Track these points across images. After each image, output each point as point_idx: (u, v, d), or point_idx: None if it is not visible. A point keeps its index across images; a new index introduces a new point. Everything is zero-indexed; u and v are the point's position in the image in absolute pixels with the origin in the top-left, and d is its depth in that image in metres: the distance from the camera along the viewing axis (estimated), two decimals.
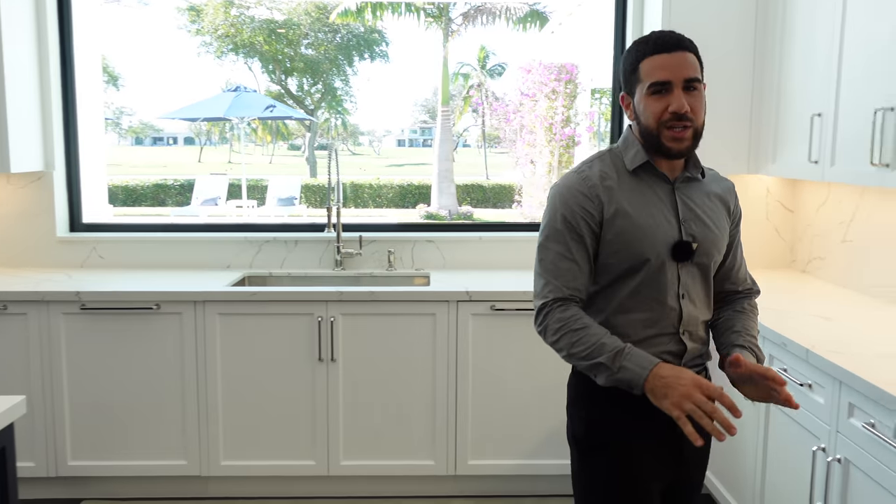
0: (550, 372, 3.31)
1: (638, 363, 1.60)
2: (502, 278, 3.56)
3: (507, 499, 3.39)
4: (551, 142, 11.07)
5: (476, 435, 3.35)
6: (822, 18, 2.92)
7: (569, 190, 1.74)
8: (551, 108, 10.91)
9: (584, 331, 1.66)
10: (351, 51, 25.72)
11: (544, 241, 1.76)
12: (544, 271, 1.74)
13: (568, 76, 10.81)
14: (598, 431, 1.77)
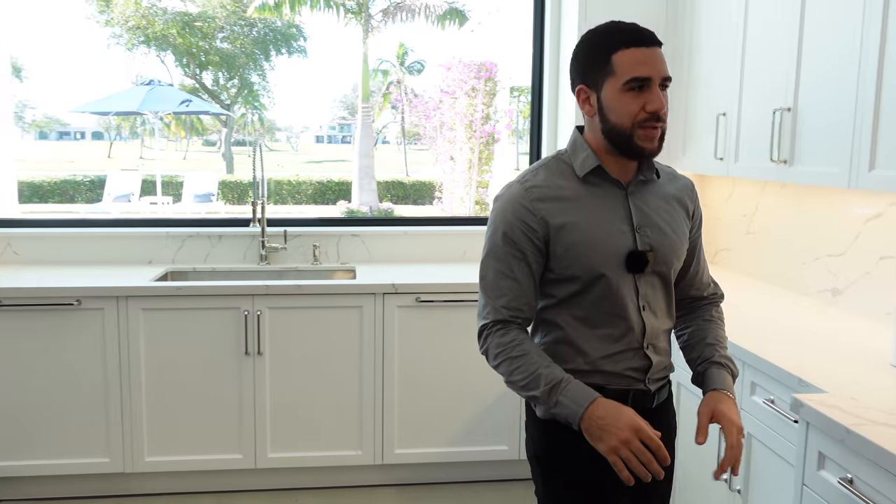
0: (475, 362, 3.41)
1: (574, 399, 1.51)
2: (427, 271, 3.65)
3: (433, 486, 3.48)
4: (471, 139, 11.22)
5: (402, 424, 3.42)
6: (727, 23, 3.11)
7: (510, 203, 1.61)
8: (471, 106, 11.06)
9: (523, 359, 1.56)
10: (268, 45, 25.34)
11: (485, 258, 1.64)
12: (485, 291, 1.64)
13: (487, 74, 10.98)
14: (558, 453, 1.66)
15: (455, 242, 3.99)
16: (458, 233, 4.01)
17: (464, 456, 3.47)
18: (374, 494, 3.39)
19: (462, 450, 3.46)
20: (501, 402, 3.45)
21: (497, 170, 11.89)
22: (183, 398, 3.30)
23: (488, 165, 11.37)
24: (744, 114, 2.98)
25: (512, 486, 3.48)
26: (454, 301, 3.37)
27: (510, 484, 3.50)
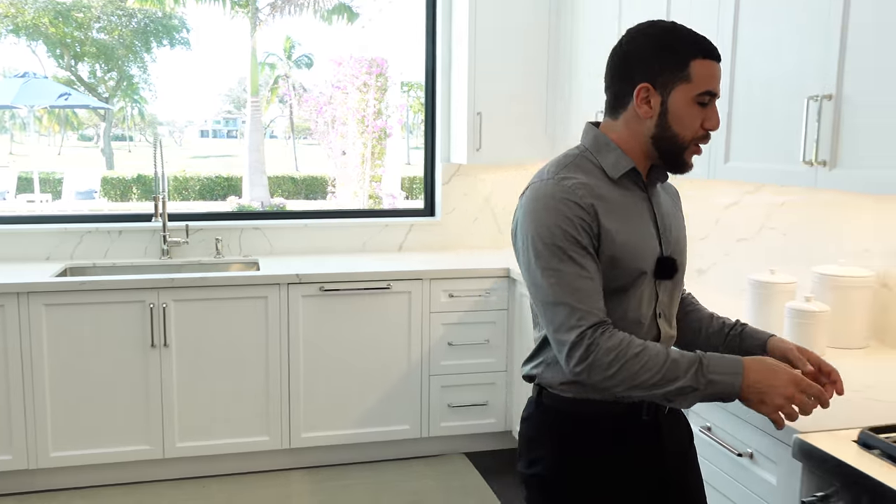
0: (377, 346, 3.59)
1: (725, 371, 1.40)
2: (330, 262, 3.79)
3: (340, 467, 3.64)
4: (363, 133, 11.35)
5: (309, 409, 3.56)
6: (605, 21, 3.40)
7: (556, 200, 1.47)
8: (363, 101, 11.19)
9: (645, 353, 1.41)
10: (149, 37, 24.50)
11: (547, 264, 1.45)
12: (564, 296, 1.44)
13: (378, 70, 11.13)
14: (573, 473, 1.57)
15: (355, 234, 4.15)
16: (357, 224, 4.17)
17: (369, 437, 3.64)
18: (283, 478, 3.52)
19: (367, 430, 3.64)
20: (403, 383, 3.65)
21: (389, 164, 12.06)
22: (88, 392, 3.32)
23: (381, 160, 11.53)
24: None
25: (414, 463, 3.68)
26: (357, 289, 3.53)
27: (412, 461, 3.71)
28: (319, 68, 30.17)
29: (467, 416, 3.74)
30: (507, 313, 3.72)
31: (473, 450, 3.83)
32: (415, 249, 4.22)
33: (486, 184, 4.27)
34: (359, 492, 3.37)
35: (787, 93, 2.24)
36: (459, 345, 3.68)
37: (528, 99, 3.93)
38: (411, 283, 3.60)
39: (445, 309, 3.65)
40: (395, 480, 3.49)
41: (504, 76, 3.88)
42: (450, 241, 4.26)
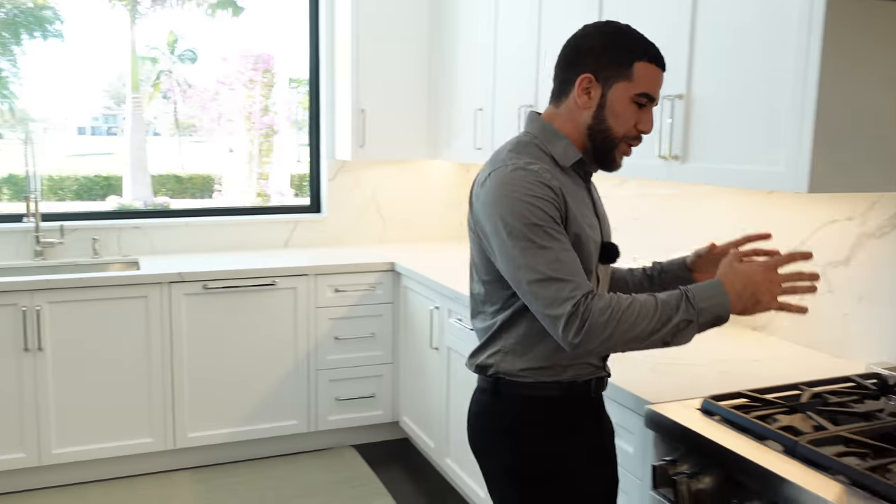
0: (263, 343, 3.60)
1: (711, 294, 1.43)
2: (213, 259, 3.76)
3: (227, 465, 3.62)
4: (251, 130, 11.17)
5: (194, 408, 3.52)
6: (481, 26, 3.52)
7: (528, 182, 1.47)
8: (250, 98, 11.01)
9: (635, 304, 1.43)
10: (18, 28, 23.19)
11: (529, 244, 1.45)
12: (552, 272, 1.43)
13: (265, 66, 10.97)
14: (541, 462, 1.59)
15: (239, 231, 4.12)
16: (242, 222, 4.14)
17: (256, 433, 3.64)
18: (168, 479, 3.47)
19: (254, 427, 3.63)
20: (290, 379, 3.66)
21: (277, 161, 11.91)
22: None
23: (269, 157, 11.38)
24: (497, 109, 3.41)
25: (303, 458, 3.70)
26: (242, 287, 3.52)
27: (301, 456, 3.73)
28: (204, 64, 29.32)
29: (355, 408, 3.79)
30: (393, 306, 3.80)
31: (362, 442, 3.89)
32: (300, 246, 4.23)
33: (370, 180, 4.33)
34: (246, 489, 3.37)
35: None
36: (346, 339, 3.73)
37: (410, 96, 4.02)
38: (297, 279, 3.62)
39: (331, 304, 3.69)
40: (284, 476, 3.51)
41: (387, 74, 3.95)
42: (335, 237, 4.30)
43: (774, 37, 1.89)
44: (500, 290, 1.58)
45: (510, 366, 1.59)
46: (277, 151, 11.62)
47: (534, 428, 1.59)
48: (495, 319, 1.60)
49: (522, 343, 1.57)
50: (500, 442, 1.63)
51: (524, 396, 1.59)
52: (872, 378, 1.89)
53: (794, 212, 2.29)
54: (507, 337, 1.59)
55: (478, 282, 1.65)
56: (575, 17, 2.74)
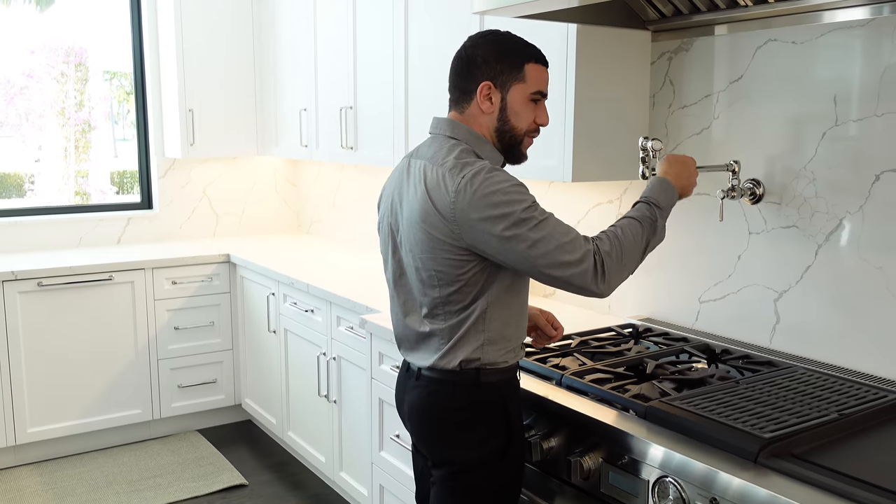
0: (103, 335, 3.72)
1: (664, 192, 1.78)
2: (47, 257, 3.81)
3: (72, 457, 3.71)
4: (65, 126, 10.73)
5: (34, 404, 3.59)
6: (302, 32, 3.80)
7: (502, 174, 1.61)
8: (62, 92, 10.57)
9: (626, 231, 1.67)
10: None
11: (535, 214, 1.58)
12: (563, 231, 1.60)
13: (78, 59, 10.57)
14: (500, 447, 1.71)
15: (70, 229, 4.18)
16: (72, 220, 4.20)
17: (99, 424, 3.75)
18: (11, 475, 3.52)
19: (98, 419, 3.75)
20: (131, 369, 3.80)
21: (96, 158, 11.49)
22: None
23: (86, 154, 10.97)
24: (320, 109, 3.72)
25: (149, 444, 3.86)
26: (78, 282, 3.62)
27: (147, 442, 3.88)
28: (4, 56, 27.25)
29: (198, 394, 3.99)
30: (230, 296, 4.02)
31: (206, 426, 4.09)
32: (134, 242, 4.34)
33: (201, 176, 4.50)
34: (94, 477, 3.50)
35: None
36: (186, 328, 3.92)
37: (237, 96, 4.24)
38: (134, 273, 3.76)
39: (169, 296, 3.86)
40: (131, 462, 3.66)
41: (214, 75, 4.15)
42: (169, 233, 4.44)
43: None
44: (471, 288, 1.66)
45: (495, 355, 1.70)
46: (95, 148, 11.22)
47: (514, 405, 1.75)
48: (463, 315, 1.67)
49: (502, 332, 1.70)
50: (485, 426, 1.71)
51: (505, 382, 1.73)
52: (628, 328, 2.40)
53: (571, 197, 2.78)
54: (488, 329, 1.68)
55: (437, 287, 1.68)
56: (386, 26, 3.10)
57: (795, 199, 2.05)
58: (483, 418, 1.71)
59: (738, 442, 1.49)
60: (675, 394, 1.77)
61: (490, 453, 1.71)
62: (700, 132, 2.29)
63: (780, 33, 2.06)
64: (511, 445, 1.73)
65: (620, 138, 2.35)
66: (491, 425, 1.71)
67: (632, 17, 2.32)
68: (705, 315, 2.33)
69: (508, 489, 1.76)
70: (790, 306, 2.09)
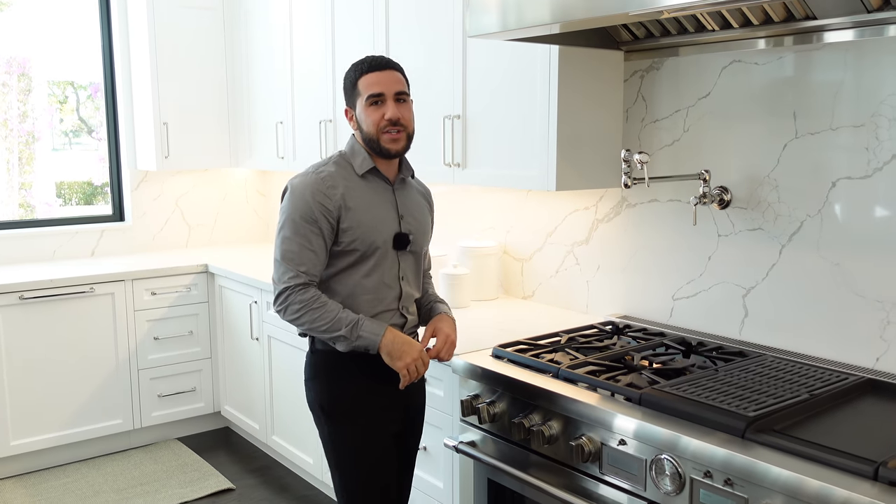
0: (84, 348, 3.76)
1: (371, 331, 1.97)
2: (25, 270, 3.83)
3: (55, 469, 3.74)
4: (7, 138, 10.52)
5: (16, 416, 3.61)
6: (277, 47, 3.92)
7: (309, 188, 2.00)
8: (4, 103, 10.37)
9: (324, 308, 1.97)
10: None
11: (287, 235, 1.99)
12: (285, 260, 2.00)
13: (20, 69, 10.39)
14: (342, 402, 2.07)
15: (43, 243, 4.20)
16: (44, 233, 4.22)
17: (81, 435, 3.79)
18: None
19: (80, 430, 3.78)
20: (112, 380, 3.85)
21: (40, 170, 11.27)
22: None
23: (31, 166, 10.77)
24: (297, 122, 3.83)
25: (131, 453, 3.91)
26: (59, 295, 3.66)
27: (129, 452, 3.93)
28: None
29: (177, 403, 4.05)
30: (208, 305, 4.10)
31: (186, 434, 4.15)
32: (108, 254, 4.37)
33: (174, 188, 4.56)
34: (80, 487, 3.54)
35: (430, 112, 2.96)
36: (165, 338, 3.98)
37: (211, 110, 4.32)
38: (113, 285, 3.81)
39: (149, 306, 3.92)
40: (115, 471, 3.70)
41: (187, 88, 4.23)
42: (142, 244, 4.48)
43: (525, 76, 2.52)
44: None
45: None
46: (39, 160, 11.01)
47: (327, 375, 2.09)
48: None
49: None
50: (311, 385, 2.13)
51: (328, 352, 2.07)
52: (609, 325, 2.59)
53: (547, 204, 2.97)
54: None
55: None
56: (365, 39, 3.24)
57: (760, 204, 2.27)
58: (312, 375, 2.13)
59: (726, 420, 1.69)
60: (663, 381, 1.96)
61: (315, 404, 2.12)
62: (671, 143, 2.50)
63: (744, 55, 2.28)
64: (333, 410, 2.09)
65: (598, 150, 2.55)
66: (315, 382, 2.11)
67: (607, 39, 2.53)
68: (679, 311, 2.54)
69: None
70: (757, 301, 2.31)
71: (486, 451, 2.22)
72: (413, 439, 2.25)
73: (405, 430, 2.20)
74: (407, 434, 2.21)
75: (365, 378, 2.06)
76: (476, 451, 2.24)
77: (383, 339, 1.99)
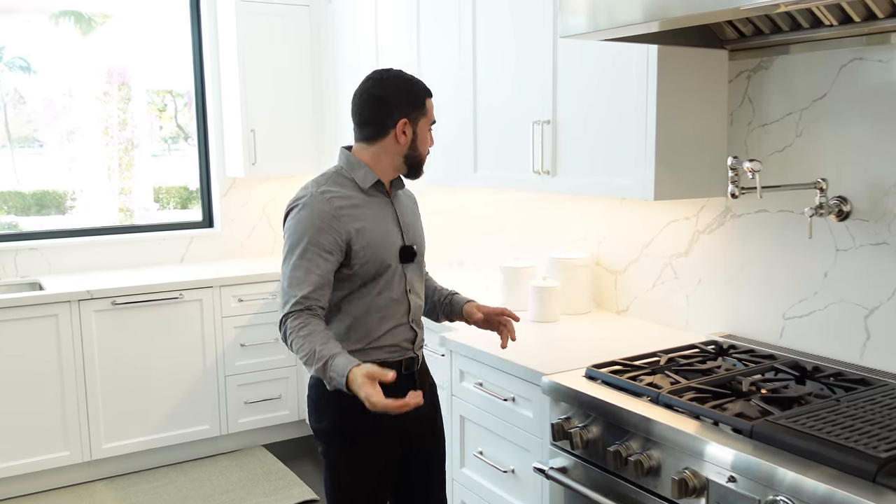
0: (173, 353, 3.80)
1: (339, 372, 1.79)
2: (119, 276, 3.91)
3: (144, 472, 3.79)
4: (109, 145, 10.94)
5: (108, 420, 3.67)
6: (363, 56, 3.87)
7: (317, 211, 1.92)
8: (105, 111, 10.79)
9: (306, 338, 1.85)
10: None
11: (294, 259, 1.91)
12: (290, 286, 1.91)
13: (120, 78, 10.78)
14: (343, 428, 2.02)
15: (136, 249, 4.28)
16: (138, 239, 4.30)
17: (169, 440, 3.83)
18: (87, 490, 3.61)
19: (168, 434, 3.83)
20: (200, 386, 3.88)
21: (139, 176, 11.68)
22: None
23: (130, 171, 11.17)
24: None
25: (217, 459, 3.93)
26: (149, 301, 3.71)
27: (215, 458, 3.95)
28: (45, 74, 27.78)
29: (263, 410, 4.05)
30: None
31: (271, 441, 4.15)
32: (197, 260, 4.42)
33: (261, 195, 4.58)
34: (168, 492, 3.57)
35: (518, 117, 2.84)
36: (251, 345, 3.99)
37: (297, 115, 4.32)
38: (202, 292, 3.84)
39: (236, 313, 3.94)
40: (202, 477, 3.73)
41: (274, 97, 4.23)
42: (230, 251, 4.52)
43: (620, 78, 2.37)
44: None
45: None
46: (138, 165, 11.41)
47: (328, 401, 2.00)
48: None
49: (345, 331, 2.01)
50: (323, 408, 2.03)
51: None
52: (711, 344, 2.41)
53: (643, 214, 2.81)
54: (335, 326, 2.01)
55: None
56: (451, 46, 3.15)
57: (886, 215, 2.06)
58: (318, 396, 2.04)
59: (854, 461, 1.50)
60: (777, 412, 1.78)
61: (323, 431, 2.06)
62: (782, 149, 2.31)
63: (866, 52, 2.07)
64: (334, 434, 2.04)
65: (699, 156, 2.37)
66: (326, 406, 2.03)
67: (710, 37, 2.35)
68: (791, 331, 2.34)
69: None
70: (881, 323, 2.10)
71: (578, 479, 2.08)
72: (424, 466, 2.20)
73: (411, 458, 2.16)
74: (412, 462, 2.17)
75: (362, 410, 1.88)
76: (567, 478, 2.10)
77: (348, 381, 1.80)
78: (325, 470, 2.12)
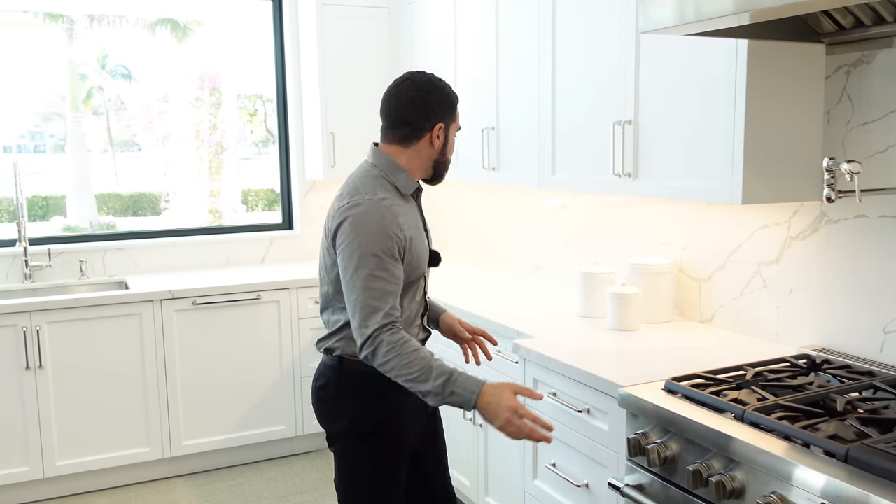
0: (251, 353, 3.84)
1: (466, 388, 1.80)
2: (199, 277, 3.98)
3: (221, 470, 3.85)
4: (199, 148, 11.27)
5: (188, 418, 3.74)
6: (441, 55, 3.83)
7: (379, 220, 1.88)
8: (197, 115, 11.12)
9: (414, 354, 1.82)
10: None
11: (369, 272, 1.85)
12: (372, 299, 1.84)
13: (212, 84, 11.10)
14: (366, 424, 2.00)
15: (218, 250, 4.35)
16: (220, 240, 4.37)
17: (247, 439, 3.88)
18: (167, 486, 3.68)
19: (245, 434, 3.87)
20: (277, 387, 3.91)
21: (227, 178, 12.00)
22: None
23: (219, 174, 11.49)
24: (462, 129, 3.71)
25: (293, 460, 3.96)
26: (229, 301, 3.76)
27: (291, 458, 3.98)
28: (144, 81, 28.97)
29: None
30: None
31: None
32: (277, 261, 4.47)
33: None
34: (244, 491, 3.61)
35: (598, 118, 2.74)
36: None
37: (375, 119, 4.27)
38: (279, 293, 3.87)
39: (312, 315, 3.95)
40: (277, 477, 3.75)
41: (353, 100, 4.24)
42: (309, 253, 4.55)
43: (706, 74, 2.24)
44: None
45: (352, 349, 1.98)
46: (227, 168, 11.73)
47: (351, 397, 2.01)
48: (342, 315, 1.99)
49: None
50: (337, 408, 2.04)
51: (361, 371, 1.96)
52: (803, 358, 2.26)
53: (731, 219, 2.66)
54: (349, 328, 1.97)
55: (327, 283, 2.03)
56: (529, 46, 3.07)
57: None
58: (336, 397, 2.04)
59: None
60: (876, 435, 1.64)
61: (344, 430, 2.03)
62: (885, 150, 2.14)
63: None
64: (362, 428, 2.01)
65: (792, 158, 2.23)
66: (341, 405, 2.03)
67: (805, 30, 2.20)
68: (892, 346, 2.16)
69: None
70: None
71: (655, 498, 1.97)
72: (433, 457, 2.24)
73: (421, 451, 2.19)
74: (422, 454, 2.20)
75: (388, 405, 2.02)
76: (644, 496, 1.99)
77: (479, 400, 1.82)
78: (343, 470, 2.08)
